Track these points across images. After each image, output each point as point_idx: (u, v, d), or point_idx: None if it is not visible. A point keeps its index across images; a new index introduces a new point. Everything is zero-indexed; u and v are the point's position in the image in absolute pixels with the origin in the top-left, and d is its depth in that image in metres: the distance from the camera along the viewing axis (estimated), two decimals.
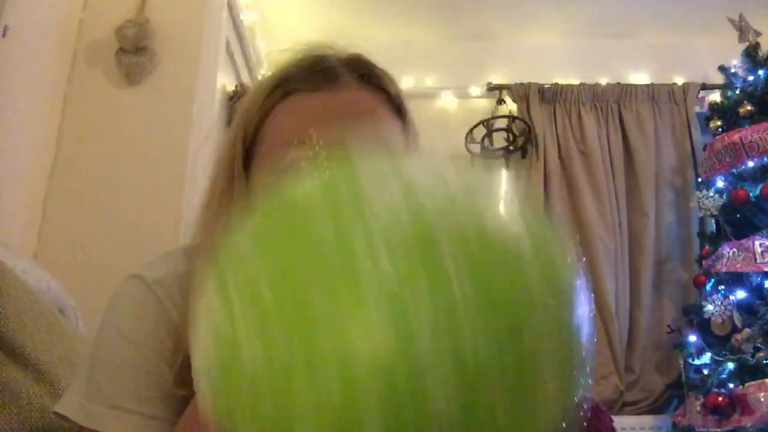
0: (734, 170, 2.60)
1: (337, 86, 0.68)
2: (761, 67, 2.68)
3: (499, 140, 3.22)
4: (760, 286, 2.37)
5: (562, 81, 3.28)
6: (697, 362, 2.46)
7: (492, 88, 3.32)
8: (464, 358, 0.33)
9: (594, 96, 3.24)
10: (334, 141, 0.57)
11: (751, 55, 2.72)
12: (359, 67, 0.70)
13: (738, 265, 2.41)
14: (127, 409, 0.65)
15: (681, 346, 2.57)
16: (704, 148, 2.87)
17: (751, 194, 2.50)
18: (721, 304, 2.41)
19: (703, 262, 2.64)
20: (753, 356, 2.24)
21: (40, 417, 0.87)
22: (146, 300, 0.69)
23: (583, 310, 0.40)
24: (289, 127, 0.67)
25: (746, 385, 2.22)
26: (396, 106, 0.72)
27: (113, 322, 0.71)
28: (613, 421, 0.81)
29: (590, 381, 0.41)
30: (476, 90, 3.36)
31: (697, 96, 3.23)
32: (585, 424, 0.63)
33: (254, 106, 0.71)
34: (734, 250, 2.45)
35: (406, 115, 0.73)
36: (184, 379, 0.63)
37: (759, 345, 2.24)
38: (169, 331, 0.68)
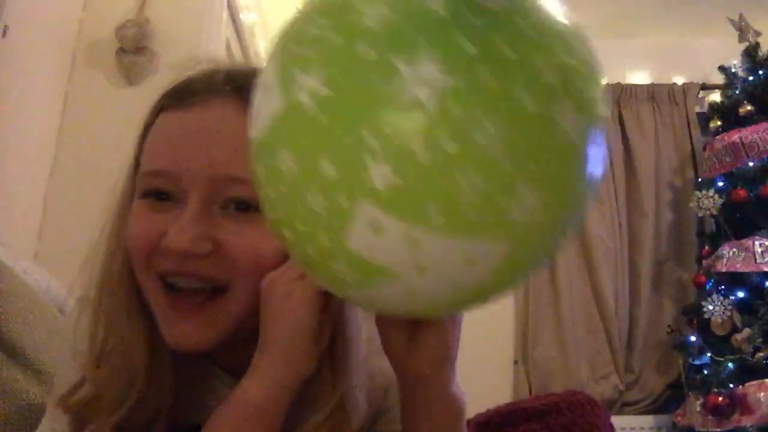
0: (734, 170, 2.60)
1: (204, 105, 0.62)
2: (761, 67, 2.68)
3: None
4: (760, 286, 2.37)
5: None
6: (697, 362, 2.46)
7: None
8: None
9: None
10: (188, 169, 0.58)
11: (751, 55, 2.73)
12: (239, 80, 0.61)
13: (738, 265, 2.41)
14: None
15: (681, 346, 2.57)
16: (704, 148, 2.87)
17: (750, 194, 2.51)
18: (721, 304, 2.41)
19: (703, 262, 2.64)
20: (753, 356, 2.24)
21: (40, 417, 0.87)
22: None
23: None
24: (154, 144, 0.67)
25: (746, 385, 2.22)
26: None
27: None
28: (610, 416, 0.82)
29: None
30: None
31: (697, 96, 3.24)
32: (581, 420, 0.65)
33: (146, 119, 0.70)
34: (734, 250, 2.46)
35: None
36: None
37: (759, 345, 2.25)
38: None
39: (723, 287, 2.48)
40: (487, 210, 0.40)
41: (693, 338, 2.51)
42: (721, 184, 2.66)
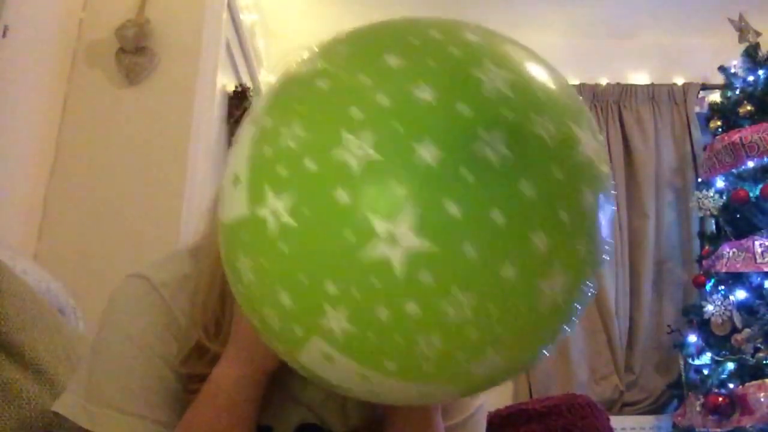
0: (734, 170, 2.60)
1: None
2: (761, 68, 2.68)
3: None
4: (760, 286, 2.37)
5: None
6: (697, 362, 2.46)
7: None
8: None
9: (594, 96, 3.24)
10: None
11: (750, 55, 2.73)
12: None
13: (738, 265, 2.41)
14: (132, 413, 0.64)
15: (681, 346, 2.57)
16: (704, 149, 2.87)
17: (751, 194, 2.51)
18: (721, 304, 2.41)
19: (703, 262, 2.64)
20: (753, 356, 2.24)
21: (39, 417, 0.87)
22: (153, 302, 0.68)
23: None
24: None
25: (746, 385, 2.22)
26: None
27: (117, 323, 0.69)
28: (609, 419, 0.83)
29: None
30: None
31: (697, 96, 3.24)
32: (581, 422, 0.66)
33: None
34: (734, 250, 2.45)
35: None
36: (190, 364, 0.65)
37: (759, 345, 2.24)
38: (175, 335, 0.67)
39: (723, 287, 2.48)
40: (446, 366, 0.39)
41: (693, 338, 2.51)
42: (721, 184, 2.66)
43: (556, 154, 0.38)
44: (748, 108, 2.62)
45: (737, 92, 2.72)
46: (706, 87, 3.22)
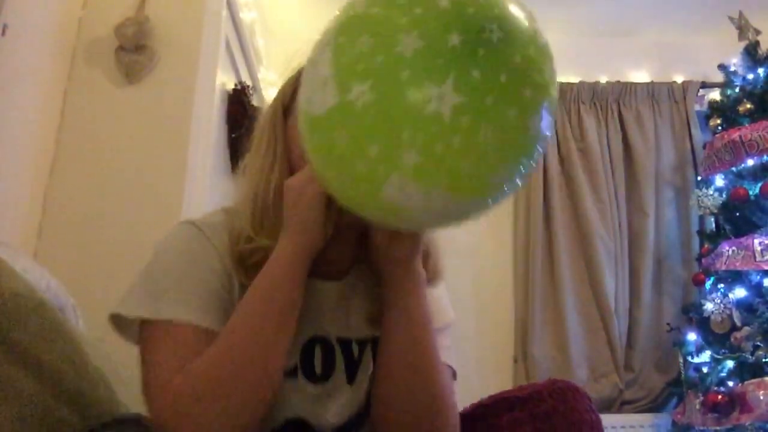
0: (734, 168, 2.60)
1: None
2: (761, 66, 2.68)
3: None
4: (760, 284, 2.37)
5: (561, 79, 3.28)
6: (696, 360, 2.47)
7: None
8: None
9: (594, 94, 3.24)
10: None
11: (750, 53, 2.73)
12: None
13: (737, 264, 2.41)
14: (194, 304, 0.79)
15: (680, 344, 2.57)
16: (704, 147, 2.87)
17: (750, 192, 2.51)
18: (721, 302, 2.41)
19: (703, 261, 2.65)
20: (752, 354, 2.24)
21: (41, 417, 0.87)
22: (198, 236, 0.86)
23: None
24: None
25: (745, 383, 2.22)
26: None
27: (171, 249, 0.86)
28: (591, 401, 0.85)
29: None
30: None
31: (696, 94, 3.24)
32: (563, 406, 0.69)
33: (289, 83, 0.95)
34: (734, 248, 2.46)
35: None
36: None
37: (758, 343, 2.25)
38: (219, 261, 0.83)
39: (723, 285, 2.48)
40: (477, 182, 0.61)
41: (692, 336, 2.51)
42: (720, 182, 2.66)
43: (529, 38, 0.61)
44: (748, 106, 2.62)
45: (737, 90, 2.72)
46: (705, 85, 3.22)
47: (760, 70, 2.67)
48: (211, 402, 0.73)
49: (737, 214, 2.58)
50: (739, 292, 2.40)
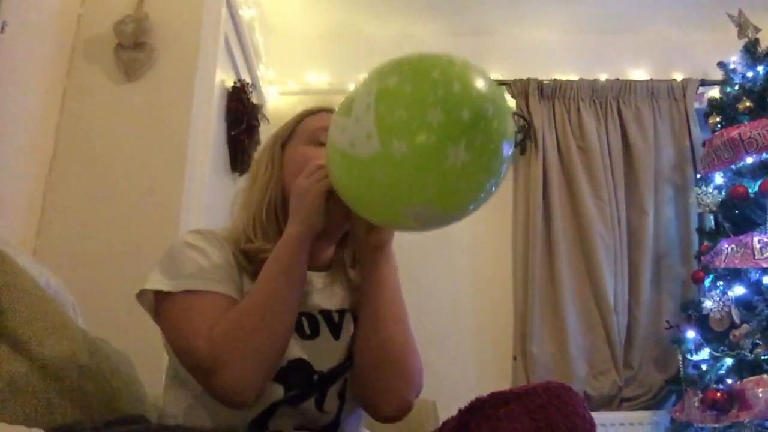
0: (733, 166, 2.60)
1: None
2: (760, 63, 2.68)
3: None
4: (759, 282, 2.37)
5: (561, 77, 3.28)
6: (695, 358, 2.47)
7: None
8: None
9: (593, 92, 3.24)
10: None
11: (750, 51, 2.72)
12: None
13: (736, 261, 2.41)
14: (209, 277, 1.00)
15: (679, 341, 2.57)
16: (703, 144, 2.87)
17: (749, 190, 2.51)
18: (720, 300, 2.41)
19: (702, 258, 2.65)
20: (751, 352, 2.25)
21: (45, 412, 0.87)
22: (203, 237, 1.07)
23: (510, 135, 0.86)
24: (313, 121, 1.17)
25: (744, 380, 2.22)
26: None
27: (180, 245, 1.04)
28: (584, 401, 0.87)
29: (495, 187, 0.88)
30: None
31: (696, 92, 3.23)
32: (557, 401, 0.82)
33: (290, 121, 1.20)
34: (733, 246, 2.46)
35: None
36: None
37: (757, 341, 2.25)
38: (222, 252, 1.05)
39: (722, 283, 2.48)
40: (467, 204, 0.88)
41: (691, 334, 2.51)
42: (720, 180, 2.66)
43: (506, 108, 0.86)
44: (747, 104, 2.62)
45: (736, 88, 2.72)
46: (705, 83, 3.22)
47: (760, 68, 2.67)
48: (244, 342, 0.93)
49: (736, 211, 2.58)
50: (738, 290, 2.40)
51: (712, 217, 2.76)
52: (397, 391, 1.05)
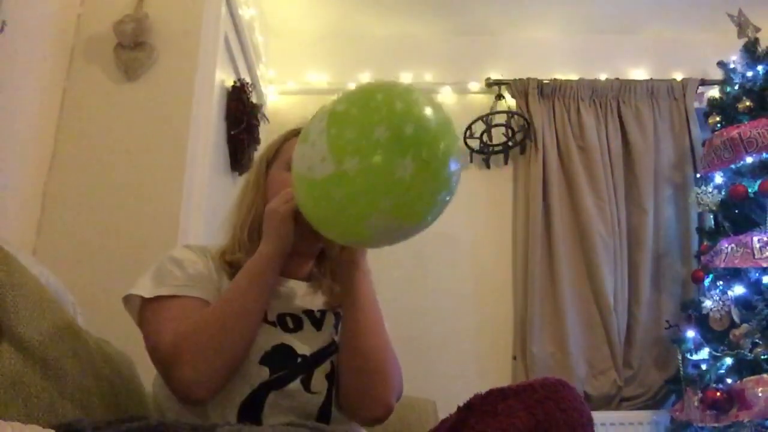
0: (733, 166, 2.60)
1: None
2: (760, 63, 2.68)
3: (498, 136, 3.22)
4: (759, 281, 2.37)
5: (561, 76, 3.28)
6: (695, 357, 2.47)
7: (491, 84, 3.32)
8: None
9: (593, 91, 3.24)
10: None
11: (750, 50, 2.72)
12: None
13: (736, 261, 2.41)
14: (186, 283, 1.09)
15: (679, 341, 2.58)
16: (703, 144, 2.87)
17: (749, 190, 2.51)
18: (720, 299, 2.41)
19: (702, 258, 2.65)
20: (751, 351, 2.25)
21: (47, 411, 0.88)
22: (193, 251, 1.17)
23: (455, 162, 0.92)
24: (294, 145, 1.16)
25: (744, 380, 2.22)
26: None
27: (166, 261, 1.12)
28: (582, 397, 0.88)
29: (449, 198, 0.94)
30: (475, 85, 3.36)
31: (696, 92, 3.24)
32: (555, 396, 0.83)
33: (276, 141, 1.29)
34: (733, 245, 2.46)
35: None
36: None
37: (757, 340, 2.25)
38: (205, 264, 1.15)
39: (721, 283, 2.48)
40: (423, 214, 0.93)
41: (691, 334, 2.51)
42: (720, 179, 2.66)
43: (449, 124, 0.94)
44: (747, 103, 2.62)
45: (736, 88, 2.72)
46: (705, 82, 3.22)
47: (760, 68, 2.67)
48: (206, 341, 1.00)
49: (736, 211, 2.58)
50: (738, 290, 2.40)
51: (711, 216, 2.76)
52: (378, 396, 1.11)
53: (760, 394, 2.15)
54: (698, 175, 2.88)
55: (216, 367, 1.00)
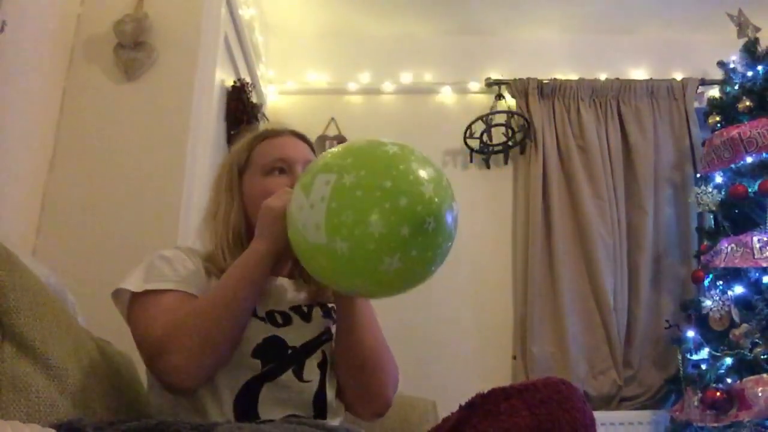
0: (733, 166, 2.60)
1: (289, 136, 1.29)
2: (760, 63, 2.68)
3: (498, 136, 3.22)
4: (758, 281, 2.37)
5: (561, 76, 3.28)
6: (695, 357, 2.47)
7: (491, 84, 3.32)
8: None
9: (593, 91, 3.24)
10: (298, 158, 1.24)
11: (750, 50, 2.72)
12: (297, 132, 1.32)
13: (736, 261, 2.41)
14: (174, 278, 1.10)
15: (679, 341, 2.58)
16: (703, 144, 2.87)
17: (749, 190, 2.51)
18: (720, 299, 2.41)
19: (702, 258, 2.65)
20: (751, 351, 2.25)
21: (48, 411, 0.88)
22: (181, 249, 1.19)
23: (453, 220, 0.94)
24: (268, 150, 1.25)
25: (744, 380, 2.22)
26: (311, 148, 1.31)
27: (155, 259, 1.13)
28: (583, 396, 0.88)
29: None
30: (475, 85, 3.36)
31: (696, 91, 3.24)
32: (557, 396, 0.84)
33: (243, 147, 1.28)
34: (732, 245, 2.46)
35: (314, 152, 1.30)
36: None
37: (757, 340, 2.25)
38: (194, 263, 1.16)
39: (721, 283, 2.48)
40: (399, 291, 0.97)
41: (691, 333, 2.51)
42: (719, 179, 2.66)
43: (453, 227, 0.95)
44: (747, 103, 2.62)
45: (736, 88, 2.72)
46: (705, 82, 3.23)
47: (760, 68, 2.67)
48: (196, 331, 1.01)
49: (736, 211, 2.58)
50: (738, 290, 2.40)
51: (711, 216, 2.76)
52: (378, 392, 1.15)
53: (760, 394, 2.15)
54: (698, 175, 2.88)
55: (206, 356, 1.01)
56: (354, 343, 1.13)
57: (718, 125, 2.73)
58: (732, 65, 2.78)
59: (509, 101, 3.29)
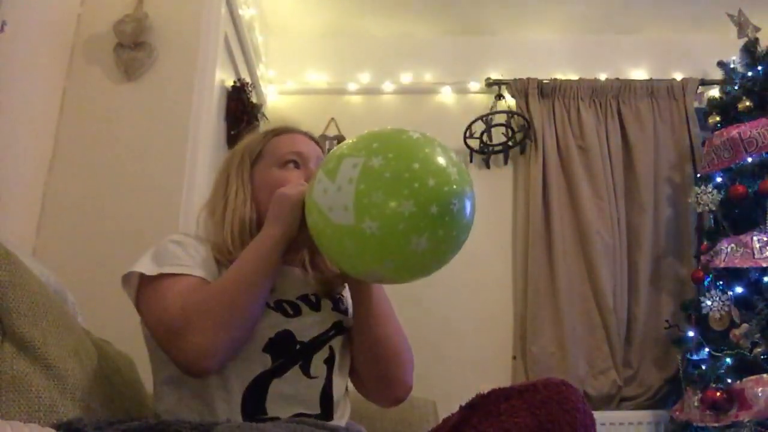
0: (733, 166, 2.60)
1: (303, 135, 1.31)
2: (760, 63, 2.68)
3: (498, 136, 3.22)
4: (758, 281, 2.37)
5: (561, 76, 3.29)
6: (695, 357, 2.47)
7: (491, 84, 3.32)
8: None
9: (593, 91, 3.24)
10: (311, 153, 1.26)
11: (750, 50, 2.72)
12: (310, 133, 1.34)
13: (736, 261, 2.41)
14: (188, 263, 1.10)
15: (679, 341, 2.58)
16: (703, 144, 2.87)
17: (749, 190, 2.51)
18: (720, 299, 2.41)
19: (702, 258, 2.65)
20: (751, 351, 2.25)
21: (48, 411, 0.88)
22: (190, 236, 1.20)
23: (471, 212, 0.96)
24: (282, 144, 1.27)
25: (744, 380, 2.22)
26: (321, 148, 1.32)
27: (167, 243, 1.14)
28: (583, 396, 0.88)
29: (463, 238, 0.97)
30: (475, 85, 3.36)
31: (696, 91, 3.24)
32: (557, 396, 0.83)
33: (257, 139, 1.29)
34: (732, 245, 2.46)
35: (324, 151, 1.32)
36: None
37: (757, 340, 2.25)
38: (204, 250, 1.16)
39: (721, 283, 2.48)
40: (425, 273, 0.99)
41: (691, 333, 2.51)
42: (719, 179, 2.66)
43: (472, 209, 0.96)
44: (747, 103, 2.62)
45: (736, 88, 2.72)
46: (705, 82, 3.23)
47: (760, 68, 2.67)
48: (215, 313, 1.01)
49: (736, 211, 2.58)
50: (738, 289, 2.41)
51: (711, 216, 2.76)
52: (399, 378, 1.19)
53: (760, 394, 2.15)
54: (698, 175, 2.88)
55: (224, 340, 1.01)
56: (376, 333, 1.15)
57: (718, 125, 2.73)
58: (732, 65, 2.78)
59: (509, 101, 3.29)
